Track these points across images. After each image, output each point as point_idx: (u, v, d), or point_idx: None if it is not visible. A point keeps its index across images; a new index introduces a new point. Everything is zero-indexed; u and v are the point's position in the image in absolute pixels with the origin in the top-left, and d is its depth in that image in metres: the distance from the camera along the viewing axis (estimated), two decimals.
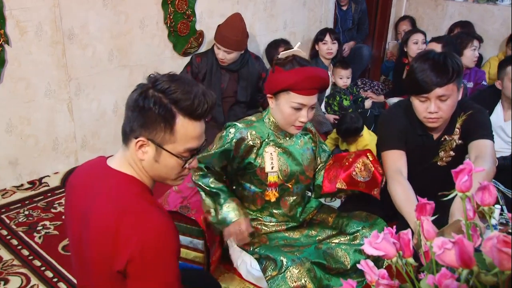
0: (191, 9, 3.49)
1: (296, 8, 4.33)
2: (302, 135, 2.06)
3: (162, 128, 1.19)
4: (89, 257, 1.21)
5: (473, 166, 0.87)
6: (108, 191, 1.23)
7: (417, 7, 5.06)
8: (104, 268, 1.18)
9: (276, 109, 1.92)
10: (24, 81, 2.79)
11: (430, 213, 0.96)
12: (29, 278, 2.20)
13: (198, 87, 1.22)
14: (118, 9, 3.08)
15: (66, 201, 1.38)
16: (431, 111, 1.87)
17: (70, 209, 1.32)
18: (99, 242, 1.18)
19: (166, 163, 1.24)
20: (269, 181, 1.96)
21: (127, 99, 1.26)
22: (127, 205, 1.19)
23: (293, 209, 2.08)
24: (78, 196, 1.29)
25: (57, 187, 2.96)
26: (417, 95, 1.90)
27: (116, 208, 1.18)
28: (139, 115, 1.20)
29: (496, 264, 0.73)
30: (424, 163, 2.08)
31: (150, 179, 1.29)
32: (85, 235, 1.22)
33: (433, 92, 1.84)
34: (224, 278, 2.13)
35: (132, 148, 1.23)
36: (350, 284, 0.91)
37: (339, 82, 3.94)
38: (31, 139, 2.93)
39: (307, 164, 2.03)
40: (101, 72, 3.12)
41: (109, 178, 1.26)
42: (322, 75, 1.89)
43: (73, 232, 1.30)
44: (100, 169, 1.29)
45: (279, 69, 1.86)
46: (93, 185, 1.27)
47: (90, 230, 1.20)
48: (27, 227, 2.57)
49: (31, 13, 2.71)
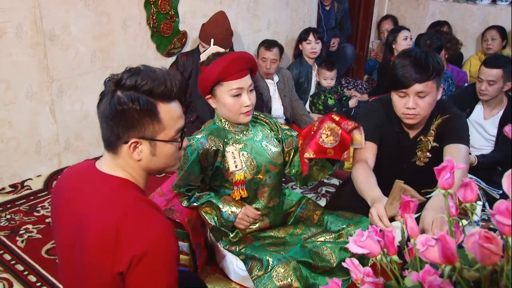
0: (174, 9, 3.47)
1: (279, 8, 4.34)
2: (259, 126, 2.07)
3: (148, 121, 1.18)
4: (86, 262, 1.18)
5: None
6: (105, 195, 1.20)
7: (399, 6, 5.11)
8: (103, 272, 1.15)
9: (219, 105, 1.93)
10: (4, 83, 2.75)
11: (413, 210, 0.97)
12: (12, 283, 2.17)
13: (161, 70, 1.23)
14: (100, 10, 3.05)
15: (54, 205, 1.34)
16: (409, 107, 1.90)
17: (59, 214, 1.29)
18: (99, 247, 1.15)
19: (164, 152, 1.24)
20: (235, 180, 1.97)
21: (98, 111, 1.22)
22: (127, 209, 1.17)
23: (272, 200, 2.08)
24: (68, 200, 1.26)
25: (39, 190, 2.92)
26: (396, 90, 1.92)
27: (116, 212, 1.16)
28: (121, 120, 1.17)
29: (478, 259, 0.74)
30: (402, 162, 2.10)
31: (144, 179, 1.28)
32: (80, 240, 1.19)
33: (412, 87, 1.87)
34: (210, 279, 2.13)
35: (124, 153, 1.21)
36: (336, 282, 0.91)
37: (323, 83, 3.97)
38: (12, 141, 2.88)
39: (272, 152, 2.04)
40: (84, 73, 3.09)
41: (103, 182, 1.23)
42: (245, 55, 1.92)
43: (62, 238, 1.27)
44: (91, 174, 1.26)
45: (203, 68, 1.89)
46: (84, 189, 1.24)
47: (89, 235, 1.17)
48: (9, 231, 2.53)
49: (10, 14, 2.67)
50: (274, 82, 3.76)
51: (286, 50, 4.32)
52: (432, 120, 2.04)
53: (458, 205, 0.90)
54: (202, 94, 1.96)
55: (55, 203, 1.34)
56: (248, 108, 1.90)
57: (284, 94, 3.78)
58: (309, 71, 4.03)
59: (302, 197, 2.25)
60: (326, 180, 3.14)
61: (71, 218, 1.23)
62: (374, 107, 2.14)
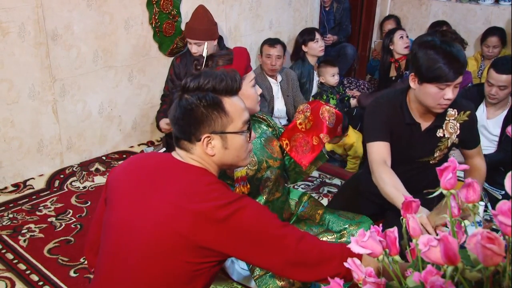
0: (176, 9, 3.47)
1: (281, 8, 4.34)
2: (256, 123, 2.08)
3: (216, 115, 1.27)
4: (154, 238, 1.21)
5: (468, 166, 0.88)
6: (183, 177, 1.28)
7: (401, 7, 5.11)
8: (178, 244, 1.19)
9: (243, 99, 1.93)
10: (7, 82, 2.76)
11: (415, 211, 0.97)
12: (14, 282, 2.17)
13: (219, 70, 1.35)
14: (102, 10, 3.06)
15: (116, 181, 1.36)
16: (450, 98, 1.91)
17: (125, 189, 1.32)
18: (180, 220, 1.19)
19: (235, 145, 1.32)
20: (236, 177, 1.97)
21: (169, 118, 1.32)
22: (211, 189, 1.24)
23: (273, 194, 2.08)
24: (139, 179, 1.31)
25: (42, 190, 2.92)
26: (439, 83, 1.91)
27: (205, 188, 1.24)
28: (190, 118, 1.27)
29: (481, 260, 0.74)
30: (413, 155, 2.08)
31: (217, 174, 1.36)
32: (152, 216, 1.23)
33: (456, 80, 1.90)
34: None
35: (198, 149, 1.30)
36: (337, 282, 0.91)
37: (330, 80, 3.96)
38: (15, 141, 2.89)
39: (271, 148, 2.05)
40: (86, 73, 3.10)
41: (182, 168, 1.31)
42: (242, 50, 1.94)
43: (123, 214, 1.29)
44: (167, 161, 1.34)
45: (227, 67, 1.88)
46: (160, 172, 1.31)
47: (162, 210, 1.22)
48: (12, 230, 2.54)
49: (13, 13, 2.68)
50: (277, 82, 3.76)
51: (289, 49, 4.33)
52: (446, 111, 2.03)
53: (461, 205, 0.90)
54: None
55: (118, 179, 1.37)
56: (258, 97, 1.94)
57: (287, 94, 3.78)
58: (310, 71, 4.04)
59: (303, 194, 2.25)
60: (328, 180, 3.14)
61: (139, 196, 1.28)
62: (378, 105, 2.13)
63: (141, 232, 1.23)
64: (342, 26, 4.87)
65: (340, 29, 4.87)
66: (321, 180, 3.14)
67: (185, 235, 1.17)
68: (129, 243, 1.25)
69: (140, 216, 1.25)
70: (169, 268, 1.21)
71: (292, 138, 2.06)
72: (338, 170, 3.35)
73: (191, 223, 1.17)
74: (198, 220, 1.17)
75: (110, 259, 1.30)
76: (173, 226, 1.18)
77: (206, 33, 3.17)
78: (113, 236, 1.30)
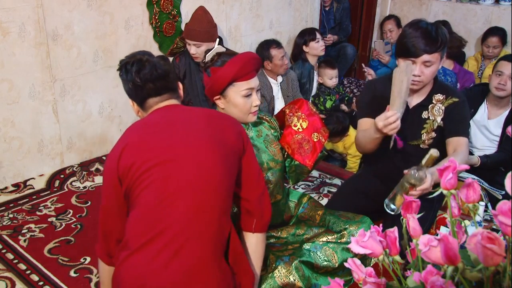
0: (177, 9, 3.47)
1: (281, 8, 4.34)
2: (259, 124, 2.08)
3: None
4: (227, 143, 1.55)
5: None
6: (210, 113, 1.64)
7: (401, 7, 5.11)
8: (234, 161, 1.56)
9: (228, 106, 1.91)
10: (7, 82, 2.76)
11: (416, 211, 0.97)
12: (14, 282, 2.17)
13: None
14: (102, 10, 3.06)
15: (144, 153, 1.46)
16: (415, 74, 2.00)
17: (164, 149, 1.47)
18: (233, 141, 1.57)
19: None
20: None
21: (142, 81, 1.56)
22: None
23: (274, 196, 2.08)
24: (164, 135, 1.49)
25: (42, 190, 2.92)
26: (405, 58, 2.03)
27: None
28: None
29: (481, 260, 0.74)
30: (403, 136, 2.12)
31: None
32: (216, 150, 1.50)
33: (421, 57, 1.99)
34: None
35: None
36: (338, 282, 0.91)
37: (328, 83, 3.98)
38: (15, 141, 2.89)
39: (273, 150, 2.05)
40: (86, 73, 3.10)
41: (204, 110, 1.65)
42: (256, 56, 1.96)
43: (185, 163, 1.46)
44: (174, 109, 1.62)
45: (214, 69, 1.87)
46: (175, 117, 1.57)
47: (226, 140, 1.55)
48: (12, 230, 2.54)
49: (13, 13, 2.68)
50: (277, 83, 3.77)
51: (289, 49, 4.33)
52: (432, 94, 2.12)
53: (461, 205, 0.90)
54: (211, 95, 1.93)
55: (146, 132, 1.52)
56: (256, 108, 1.92)
57: (287, 95, 3.79)
58: (311, 71, 4.04)
59: (302, 195, 2.25)
60: (328, 180, 3.14)
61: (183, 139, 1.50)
62: (373, 82, 2.30)
63: (215, 167, 1.46)
64: (342, 26, 4.87)
65: (340, 29, 4.87)
66: (321, 180, 3.14)
67: (240, 148, 1.58)
68: (209, 179, 1.45)
69: (202, 153, 1.47)
70: (231, 189, 1.54)
71: (291, 141, 2.07)
72: (338, 170, 3.35)
73: (236, 138, 1.58)
74: (239, 135, 1.60)
75: (192, 210, 1.43)
76: (234, 144, 1.55)
77: (205, 34, 3.17)
78: (188, 192, 1.42)
